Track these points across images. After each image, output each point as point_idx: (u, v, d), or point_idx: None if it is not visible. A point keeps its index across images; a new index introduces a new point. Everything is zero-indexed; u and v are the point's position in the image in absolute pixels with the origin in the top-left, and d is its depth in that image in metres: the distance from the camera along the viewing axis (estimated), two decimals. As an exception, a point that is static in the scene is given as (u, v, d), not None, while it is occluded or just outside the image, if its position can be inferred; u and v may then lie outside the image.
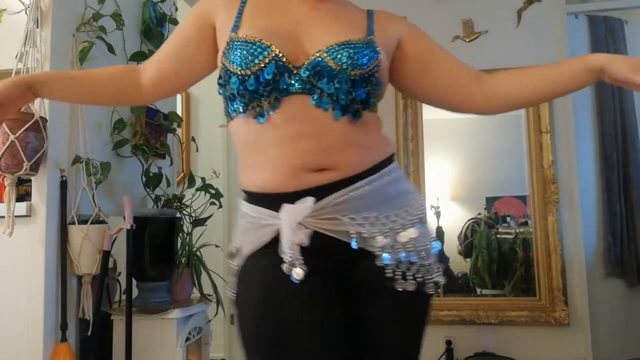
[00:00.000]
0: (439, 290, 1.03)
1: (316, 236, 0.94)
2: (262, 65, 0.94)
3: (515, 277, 3.25)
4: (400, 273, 0.96)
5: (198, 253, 2.18)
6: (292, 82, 0.95)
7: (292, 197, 0.94)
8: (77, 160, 1.85)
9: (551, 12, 3.29)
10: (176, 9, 2.63)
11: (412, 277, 0.97)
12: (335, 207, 0.95)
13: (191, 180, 2.33)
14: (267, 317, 0.94)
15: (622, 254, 3.17)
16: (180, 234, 2.15)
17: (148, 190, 2.25)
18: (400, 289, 0.96)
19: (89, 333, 1.84)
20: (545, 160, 3.16)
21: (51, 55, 1.79)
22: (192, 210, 2.24)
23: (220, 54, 1.03)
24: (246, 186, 1.03)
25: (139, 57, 2.23)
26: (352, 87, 0.96)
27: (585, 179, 3.20)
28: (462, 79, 1.11)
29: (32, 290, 1.71)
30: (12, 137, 1.62)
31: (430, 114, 3.35)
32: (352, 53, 0.96)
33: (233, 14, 1.04)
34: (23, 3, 1.83)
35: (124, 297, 1.96)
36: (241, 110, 0.98)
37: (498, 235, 3.32)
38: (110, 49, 2.01)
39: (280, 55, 0.95)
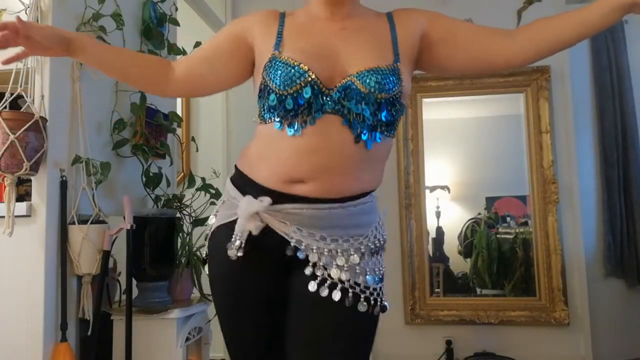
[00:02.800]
0: (373, 316, 1.10)
1: (267, 234, 1.09)
2: (299, 88, 1.06)
3: (515, 277, 3.25)
4: (326, 283, 1.07)
5: (198, 253, 2.18)
6: (325, 102, 1.07)
7: (269, 193, 1.09)
8: (77, 160, 1.85)
9: (551, 12, 3.22)
10: (176, 9, 2.63)
11: (341, 290, 1.06)
12: (288, 215, 1.08)
13: (191, 180, 2.33)
14: (216, 280, 1.20)
15: (622, 254, 3.17)
16: (180, 234, 2.15)
17: (148, 190, 2.25)
18: (323, 295, 1.06)
19: (89, 333, 1.84)
20: (545, 160, 3.17)
21: (51, 55, 1.79)
22: (192, 210, 2.24)
23: (261, 68, 1.13)
24: (242, 167, 1.18)
25: (139, 57, 2.23)
26: (378, 109, 1.06)
27: (585, 179, 3.20)
28: (492, 40, 1.16)
29: (32, 290, 1.71)
30: (12, 137, 1.62)
31: (430, 114, 3.35)
32: (380, 79, 1.06)
33: (273, 32, 1.15)
34: (23, 3, 1.83)
35: (124, 297, 1.96)
36: (277, 120, 1.09)
37: (498, 235, 3.32)
38: (110, 49, 2.01)
39: (316, 79, 1.06)
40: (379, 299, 1.09)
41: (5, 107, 1.69)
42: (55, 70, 1.80)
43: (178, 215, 2.18)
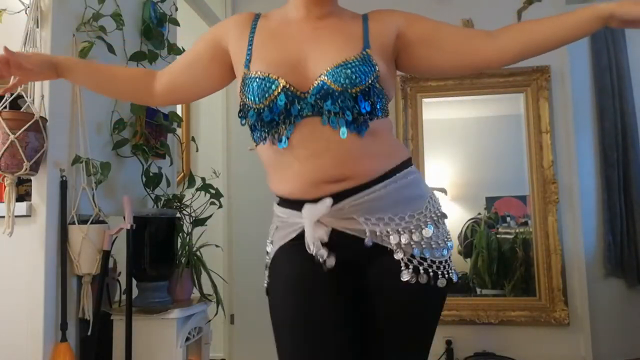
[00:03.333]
0: (451, 285, 1.12)
1: (337, 234, 1.07)
2: (273, 97, 1.06)
3: (515, 277, 3.25)
4: (413, 267, 1.07)
5: (198, 253, 2.18)
6: (302, 107, 1.06)
7: (315, 202, 1.07)
8: (77, 160, 1.85)
9: (551, 12, 3.23)
10: (176, 9, 2.63)
11: (424, 271, 1.08)
12: (351, 209, 1.07)
13: (191, 180, 2.33)
14: (293, 297, 1.09)
15: (622, 254, 3.17)
16: (180, 234, 2.15)
17: (148, 190, 2.25)
18: (412, 282, 1.07)
19: (89, 333, 1.84)
20: (545, 160, 3.17)
21: (51, 55, 1.79)
22: (192, 210, 2.24)
23: (238, 89, 1.14)
24: (276, 192, 1.17)
25: (139, 57, 2.23)
26: (355, 102, 1.06)
27: (585, 179, 3.20)
28: (471, 41, 1.16)
29: (32, 290, 1.71)
30: (12, 137, 1.62)
31: (430, 114, 3.35)
32: (350, 73, 1.05)
33: (244, 45, 1.15)
34: (23, 3, 1.83)
35: (124, 297, 1.96)
36: (263, 137, 1.10)
37: (498, 235, 3.32)
38: (110, 49, 2.01)
39: (288, 85, 1.06)
40: (446, 272, 1.11)
41: (5, 107, 1.69)
42: (55, 70, 1.80)
43: (178, 215, 2.18)
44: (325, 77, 1.06)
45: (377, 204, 1.08)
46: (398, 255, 1.07)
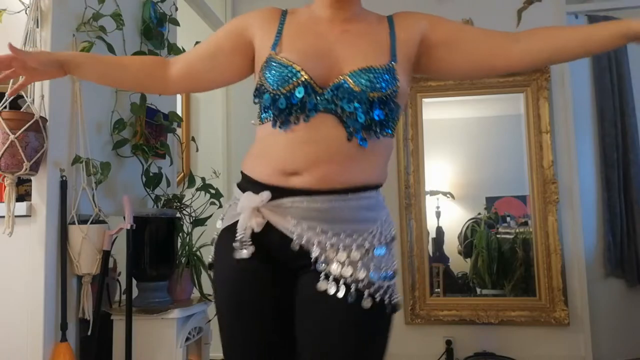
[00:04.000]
0: (384, 308, 1.04)
1: (269, 229, 1.06)
2: (292, 87, 1.05)
3: (515, 277, 3.25)
4: (332, 279, 1.03)
5: (198, 253, 2.18)
6: (318, 102, 1.06)
7: (268, 189, 1.06)
8: (77, 160, 1.85)
9: (551, 12, 3.29)
10: (176, 9, 2.63)
11: (345, 286, 1.02)
12: (288, 209, 1.05)
13: (191, 180, 2.33)
14: (220, 284, 1.14)
15: (622, 254, 3.17)
16: (180, 234, 2.15)
17: (148, 190, 2.25)
18: (329, 292, 1.02)
19: (89, 333, 1.84)
20: (545, 160, 3.17)
21: (51, 55, 1.79)
22: (192, 210, 2.24)
23: (258, 67, 1.14)
24: (244, 169, 1.17)
25: (139, 57, 2.23)
26: (370, 107, 1.05)
27: (585, 179, 3.20)
28: (493, 43, 1.15)
29: (32, 290, 1.71)
30: (12, 137, 1.62)
31: (430, 114, 3.36)
32: (372, 77, 1.05)
33: (273, 31, 1.15)
34: (23, 3, 1.83)
35: (124, 297, 1.96)
36: (270, 119, 1.09)
37: (498, 235, 3.32)
38: (110, 49, 2.01)
39: (309, 79, 1.06)
40: (386, 297, 1.03)
41: (5, 107, 1.69)
42: (55, 70, 1.80)
43: (178, 215, 2.18)
44: (347, 77, 1.06)
45: (315, 214, 1.05)
46: (319, 267, 1.04)
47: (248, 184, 1.12)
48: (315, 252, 1.04)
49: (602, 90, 3.26)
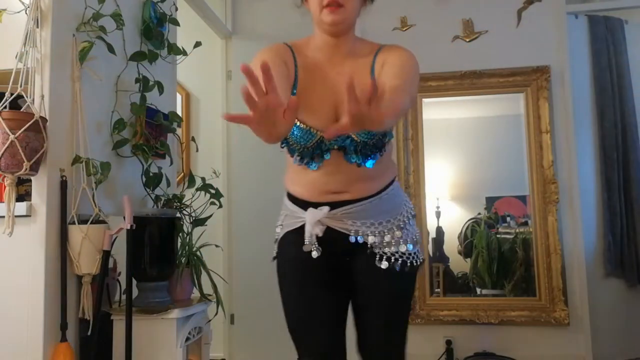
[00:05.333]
0: (415, 269, 1.46)
1: (329, 231, 1.40)
2: (312, 145, 1.36)
3: (515, 277, 3.25)
4: (386, 257, 1.42)
5: (198, 253, 2.18)
6: (329, 146, 1.36)
7: (316, 205, 1.41)
8: (77, 160, 1.85)
9: (551, 12, 3.29)
10: (176, 9, 2.63)
11: (389, 259, 1.41)
12: (343, 215, 1.41)
13: (191, 180, 2.33)
14: (291, 274, 1.47)
15: (622, 254, 3.17)
16: (180, 234, 2.15)
17: (148, 190, 2.25)
18: (382, 267, 1.41)
19: (89, 333, 1.84)
20: (545, 160, 3.17)
21: (51, 55, 1.79)
22: (192, 210, 2.24)
23: None
24: (289, 190, 1.50)
25: (139, 57, 2.23)
26: (371, 150, 1.37)
27: (585, 179, 3.21)
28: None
29: (32, 290, 1.71)
30: (12, 137, 1.62)
31: (430, 114, 3.36)
32: (367, 131, 1.30)
33: (292, 78, 1.36)
34: (23, 3, 1.83)
35: (124, 297, 1.96)
36: (297, 158, 1.40)
37: (498, 235, 3.32)
38: (110, 49, 2.01)
39: (322, 136, 1.34)
40: (419, 258, 1.46)
41: (5, 107, 1.69)
42: (55, 70, 1.80)
43: (178, 215, 2.18)
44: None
45: (362, 214, 1.41)
46: (372, 250, 1.41)
47: (303, 202, 1.44)
48: (371, 240, 1.41)
49: (602, 90, 3.26)
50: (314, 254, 1.40)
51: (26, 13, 1.79)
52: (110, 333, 1.93)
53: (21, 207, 1.71)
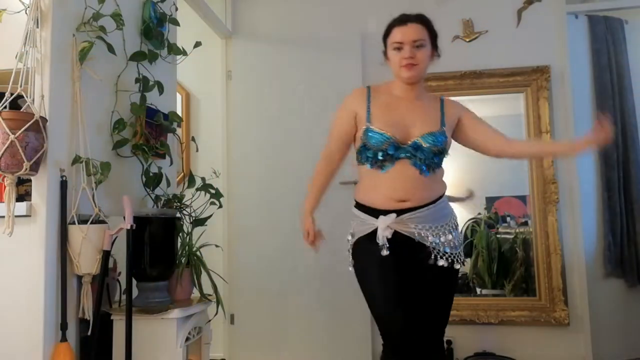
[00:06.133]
0: (461, 266, 1.82)
1: (397, 234, 1.76)
2: (386, 146, 1.77)
3: (515, 277, 3.25)
4: (441, 256, 1.78)
5: (198, 253, 2.18)
6: (401, 152, 1.78)
7: (384, 212, 1.77)
8: (77, 160, 1.85)
9: (551, 12, 3.29)
10: (176, 9, 2.63)
11: (446, 259, 1.78)
12: (407, 220, 1.77)
13: (191, 180, 2.33)
14: (371, 269, 1.80)
15: (622, 254, 3.17)
16: (180, 234, 2.15)
17: (148, 190, 2.25)
18: (439, 265, 1.77)
19: (89, 333, 1.84)
20: (545, 160, 3.16)
21: (51, 55, 1.79)
22: (192, 210, 2.24)
23: (360, 133, 1.82)
24: (359, 199, 1.87)
25: (139, 57, 2.23)
26: (434, 155, 1.79)
27: (585, 178, 3.20)
28: (493, 139, 1.90)
29: (32, 290, 1.71)
30: (12, 137, 1.62)
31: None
32: (434, 138, 1.78)
33: (364, 108, 1.84)
34: (23, 3, 1.83)
35: (124, 297, 1.96)
36: (369, 165, 1.81)
37: (498, 235, 3.33)
38: (110, 49, 2.01)
39: (395, 140, 1.77)
40: (463, 258, 1.84)
41: (5, 107, 1.69)
42: (55, 70, 1.80)
43: (178, 215, 2.18)
44: (420, 139, 1.78)
45: (422, 219, 1.77)
46: (431, 248, 1.77)
47: (372, 210, 1.80)
48: (429, 241, 1.77)
49: (602, 90, 3.26)
50: (384, 252, 1.73)
51: (26, 13, 1.79)
52: (110, 333, 1.93)
53: (21, 207, 1.71)
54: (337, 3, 3.53)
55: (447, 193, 1.88)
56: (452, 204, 1.93)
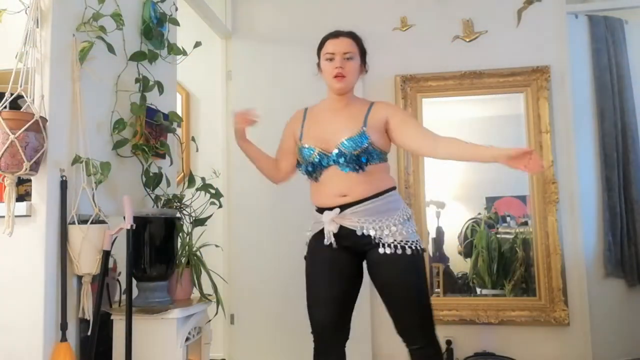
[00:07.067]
0: (418, 251, 1.88)
1: (341, 228, 1.90)
2: (313, 157, 1.95)
3: (515, 277, 3.25)
4: (386, 245, 1.85)
5: (198, 253, 2.18)
6: (327, 161, 1.93)
7: (330, 209, 1.91)
8: (77, 160, 1.85)
9: (551, 12, 3.29)
10: (176, 9, 2.63)
11: (390, 246, 1.85)
12: (350, 214, 1.89)
13: (191, 180, 2.33)
14: (312, 265, 1.99)
15: (622, 254, 3.17)
16: (180, 234, 2.15)
17: (148, 190, 2.25)
18: (382, 252, 1.85)
19: (89, 333, 1.84)
20: (545, 160, 3.17)
21: (51, 55, 1.79)
22: (192, 210, 2.24)
23: (297, 150, 2.02)
24: (313, 203, 2.02)
25: (139, 57, 2.23)
26: (357, 157, 1.89)
27: (585, 179, 3.21)
28: (422, 139, 1.95)
29: (32, 290, 1.71)
30: (12, 137, 1.62)
31: (430, 114, 3.36)
32: (352, 142, 1.90)
33: (299, 128, 2.04)
34: (23, 3, 1.83)
35: (124, 297, 1.96)
36: (308, 175, 2.00)
37: (498, 235, 3.33)
38: (110, 49, 2.01)
39: (321, 151, 1.94)
40: (416, 245, 1.87)
41: (5, 107, 1.69)
42: (55, 70, 1.80)
43: (178, 215, 2.18)
44: (339, 146, 1.90)
45: (364, 212, 1.88)
46: (375, 240, 1.87)
47: (321, 209, 1.95)
48: (372, 232, 1.86)
49: (602, 90, 3.27)
50: (327, 242, 1.88)
51: (26, 13, 1.79)
52: (110, 333, 1.93)
53: (21, 207, 1.71)
54: (337, 3, 3.53)
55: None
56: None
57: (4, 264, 1.75)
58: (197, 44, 2.38)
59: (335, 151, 1.90)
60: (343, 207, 1.89)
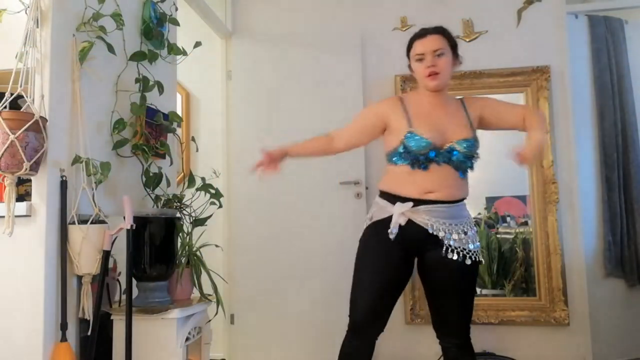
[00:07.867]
0: (477, 262, 1.90)
1: (410, 223, 1.88)
2: (427, 150, 1.87)
3: (515, 277, 3.25)
4: (452, 251, 1.86)
5: (198, 253, 2.18)
6: (438, 156, 1.88)
7: (406, 200, 1.88)
8: (77, 160, 1.85)
9: (551, 12, 3.29)
10: (176, 9, 2.63)
11: (457, 253, 1.86)
12: (424, 211, 1.87)
13: (191, 180, 2.33)
14: (367, 250, 1.95)
15: (622, 254, 3.17)
16: (180, 234, 2.15)
17: (148, 190, 2.25)
18: (450, 257, 1.85)
19: (89, 333, 1.84)
20: (545, 160, 3.17)
21: (51, 55, 1.79)
22: (192, 210, 2.24)
23: (401, 137, 1.90)
24: (387, 189, 1.96)
25: (139, 57, 2.23)
26: (466, 159, 1.90)
27: (585, 178, 3.20)
28: (515, 119, 1.99)
29: (32, 290, 1.71)
30: (12, 137, 1.62)
31: (430, 114, 3.35)
32: (468, 144, 1.89)
33: (401, 115, 1.94)
34: (23, 3, 1.83)
35: (124, 297, 1.96)
36: (408, 164, 1.90)
37: (498, 235, 3.32)
38: (110, 48, 2.01)
39: (434, 145, 1.87)
40: (477, 257, 1.90)
41: (5, 107, 1.69)
42: (55, 70, 1.81)
43: (178, 215, 2.18)
44: (455, 144, 1.88)
45: (440, 214, 1.87)
46: (444, 243, 1.87)
47: (394, 198, 1.91)
48: (441, 234, 1.86)
49: (602, 90, 3.26)
50: (392, 236, 1.86)
51: (26, 13, 1.79)
52: (110, 333, 1.93)
53: (21, 207, 1.71)
54: (337, 3, 3.53)
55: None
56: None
57: (4, 264, 1.75)
58: (197, 44, 2.38)
59: (456, 149, 1.88)
60: (418, 202, 1.86)
